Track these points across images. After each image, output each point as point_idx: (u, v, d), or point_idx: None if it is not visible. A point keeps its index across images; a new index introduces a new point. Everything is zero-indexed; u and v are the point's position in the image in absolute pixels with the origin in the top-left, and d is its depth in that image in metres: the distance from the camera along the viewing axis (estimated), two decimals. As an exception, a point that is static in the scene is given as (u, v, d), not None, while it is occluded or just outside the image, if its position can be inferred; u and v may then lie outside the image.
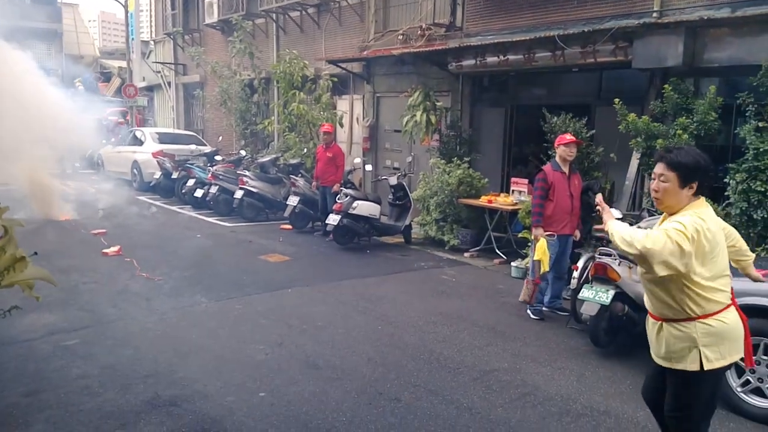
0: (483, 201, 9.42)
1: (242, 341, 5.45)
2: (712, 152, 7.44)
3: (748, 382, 4.37)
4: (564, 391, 4.69)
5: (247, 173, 12.01)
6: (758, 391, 4.33)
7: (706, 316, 2.87)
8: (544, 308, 6.62)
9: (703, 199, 2.95)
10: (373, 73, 13.22)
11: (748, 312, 4.26)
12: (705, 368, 2.86)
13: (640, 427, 4.16)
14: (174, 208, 13.18)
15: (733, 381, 4.42)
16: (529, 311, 6.58)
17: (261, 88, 15.67)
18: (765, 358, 4.29)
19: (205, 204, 12.49)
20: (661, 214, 6.87)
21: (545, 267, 6.36)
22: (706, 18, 6.93)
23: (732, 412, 4.39)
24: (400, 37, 11.84)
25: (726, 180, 6.79)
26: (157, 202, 13.77)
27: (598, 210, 6.46)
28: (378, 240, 10.44)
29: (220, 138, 16.77)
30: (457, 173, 9.64)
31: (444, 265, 8.92)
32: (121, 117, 24.04)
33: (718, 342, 2.88)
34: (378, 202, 10.03)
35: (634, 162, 7.81)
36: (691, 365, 2.88)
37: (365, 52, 12.58)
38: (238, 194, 11.72)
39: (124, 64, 25.51)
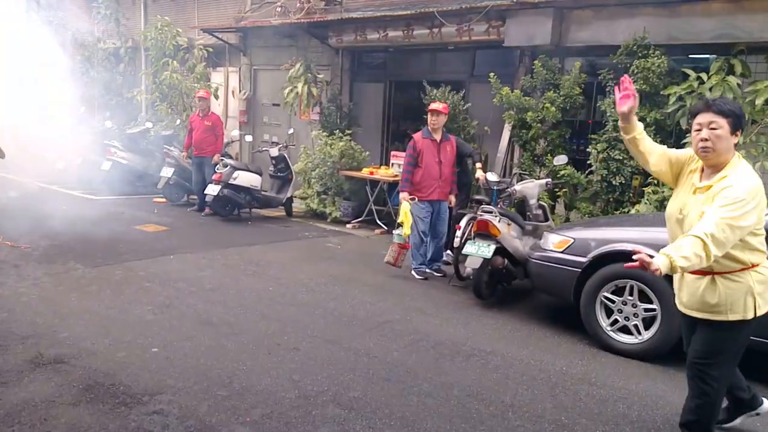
0: (365, 173, 9.60)
1: (127, 303, 5.18)
2: (575, 125, 8.30)
3: (616, 321, 4.83)
4: (453, 336, 4.98)
5: (115, 143, 11.23)
6: (625, 329, 4.80)
7: (756, 264, 2.94)
8: (426, 270, 6.92)
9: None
10: (250, 45, 12.90)
11: (619, 257, 4.74)
12: (757, 314, 2.93)
13: (524, 363, 4.52)
14: (28, 180, 11.97)
15: (603, 321, 4.87)
16: (413, 272, 6.85)
17: (127, 57, 14.70)
18: (630, 298, 4.74)
19: (69, 176, 11.49)
20: (530, 175, 7.46)
21: (406, 229, 6.62)
22: (572, -2, 7.60)
23: (602, 349, 4.86)
24: (279, 8, 11.63)
25: (588, 150, 7.51)
26: (9, 175, 12.46)
27: (477, 178, 6.90)
28: (259, 213, 10.26)
29: (82, 109, 15.50)
30: (339, 146, 9.73)
31: (328, 234, 8.99)
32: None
33: (766, 289, 2.97)
34: (259, 173, 9.85)
35: (506, 134, 8.38)
36: (737, 314, 2.92)
37: (242, 23, 12.23)
38: (106, 166, 10.93)
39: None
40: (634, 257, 2.74)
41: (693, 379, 3.14)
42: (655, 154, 3.22)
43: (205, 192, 9.39)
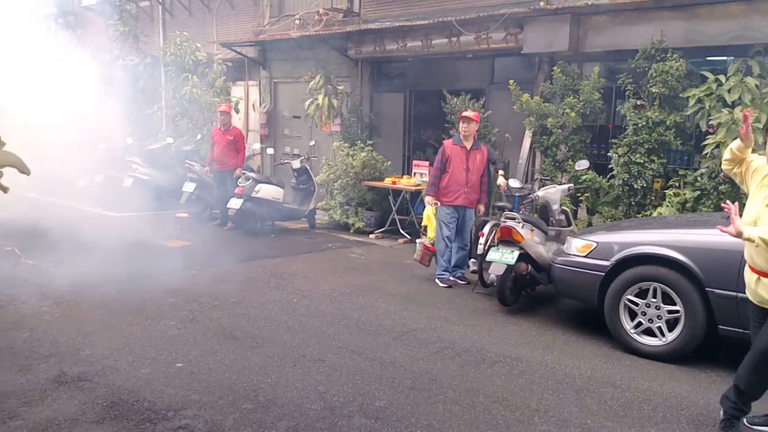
0: (387, 183, 9.61)
1: (151, 319, 5.22)
2: (595, 130, 8.22)
3: (640, 324, 4.79)
4: (478, 343, 4.94)
5: (136, 160, 11.37)
6: (649, 332, 4.77)
7: None
8: (450, 277, 6.89)
9: None
10: (269, 58, 13.04)
11: (642, 260, 4.76)
12: None
13: (549, 368, 4.48)
14: (49, 198, 12.13)
15: (627, 324, 4.84)
16: (437, 280, 6.83)
17: (147, 74, 14.93)
18: (654, 300, 4.71)
19: (90, 193, 11.63)
20: (552, 181, 7.41)
21: (430, 233, 6.61)
22: (590, 4, 7.52)
23: (626, 351, 4.82)
24: (297, 21, 11.74)
25: (609, 154, 7.43)
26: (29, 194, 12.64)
27: (499, 185, 6.88)
28: (281, 225, 10.32)
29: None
30: (361, 156, 9.76)
31: (351, 245, 9.00)
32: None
33: None
34: (281, 185, 9.91)
35: (527, 141, 8.33)
36: None
37: (261, 36, 12.37)
38: (128, 182, 11.08)
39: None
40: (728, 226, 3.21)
41: (761, 358, 3.34)
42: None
43: (228, 206, 9.45)
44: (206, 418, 3.53)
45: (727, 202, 3.30)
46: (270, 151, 10.88)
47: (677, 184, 6.92)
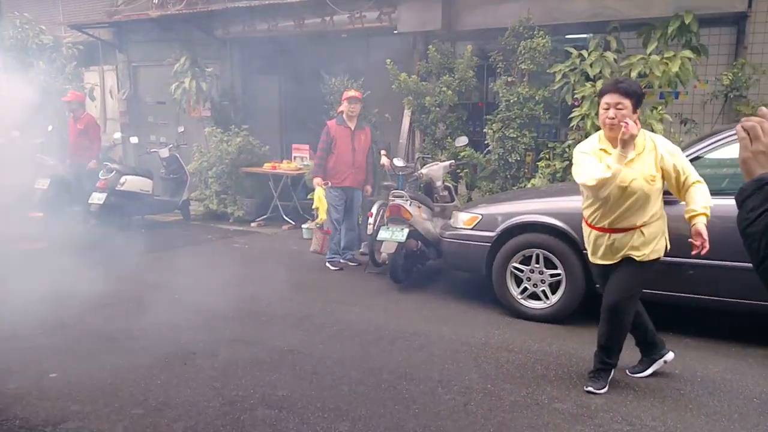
0: (267, 168, 9.27)
1: (14, 327, 4.63)
2: (470, 108, 8.46)
3: (525, 289, 5.03)
4: (375, 323, 4.91)
5: (-24, 156, 10.07)
6: (534, 296, 5.02)
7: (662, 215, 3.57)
8: (341, 260, 6.81)
9: None
10: (126, 40, 12.05)
11: (525, 228, 4.97)
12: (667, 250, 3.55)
13: (446, 339, 4.57)
14: None
15: (514, 290, 5.05)
16: (328, 263, 6.71)
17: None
18: (537, 266, 4.95)
19: None
20: (432, 159, 7.49)
21: (322, 215, 6.53)
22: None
23: (516, 316, 5.03)
24: (156, 0, 10.96)
25: (485, 130, 7.69)
26: None
27: (383, 165, 6.88)
28: (153, 219, 9.63)
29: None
30: (236, 141, 9.33)
31: (232, 235, 8.61)
32: None
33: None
34: (149, 176, 9.23)
35: (406, 120, 8.39)
36: (656, 254, 3.48)
37: (116, 17, 11.39)
38: (-32, 182, 9.78)
39: None
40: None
41: (613, 313, 3.59)
42: None
43: (89, 201, 8.60)
44: (91, 428, 3.18)
45: None
46: (134, 140, 10.08)
47: (547, 156, 7.29)
